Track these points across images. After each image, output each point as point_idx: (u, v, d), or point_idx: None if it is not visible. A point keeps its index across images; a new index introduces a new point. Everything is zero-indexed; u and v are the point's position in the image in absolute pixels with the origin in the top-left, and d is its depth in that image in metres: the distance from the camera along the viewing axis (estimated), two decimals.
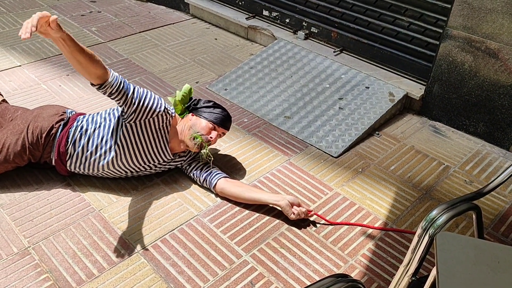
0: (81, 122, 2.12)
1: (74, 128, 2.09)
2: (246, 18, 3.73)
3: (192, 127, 2.11)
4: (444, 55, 2.64)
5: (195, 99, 2.25)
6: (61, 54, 3.31)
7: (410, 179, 2.38)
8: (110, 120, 2.10)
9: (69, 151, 2.08)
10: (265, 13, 3.68)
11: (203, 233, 1.99)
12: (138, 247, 1.90)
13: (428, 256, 1.87)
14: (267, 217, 2.09)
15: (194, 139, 2.09)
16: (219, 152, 2.49)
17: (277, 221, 2.07)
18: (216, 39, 3.71)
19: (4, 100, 2.43)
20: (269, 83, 3.05)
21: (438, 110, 2.81)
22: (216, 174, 2.17)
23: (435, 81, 2.74)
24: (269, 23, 3.67)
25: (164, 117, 2.06)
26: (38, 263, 1.81)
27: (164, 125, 2.08)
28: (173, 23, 3.94)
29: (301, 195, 2.23)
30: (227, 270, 1.84)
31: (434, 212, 1.29)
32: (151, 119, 2.03)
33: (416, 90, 2.88)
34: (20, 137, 2.05)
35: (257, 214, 2.10)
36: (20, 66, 3.14)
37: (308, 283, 1.80)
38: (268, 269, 1.85)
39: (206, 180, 2.17)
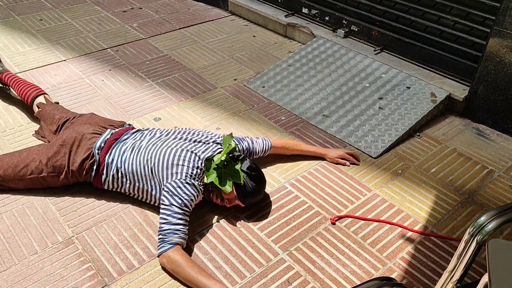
0: (110, 175, 2.05)
1: (104, 175, 2.04)
2: (285, 16, 3.71)
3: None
4: (491, 55, 2.55)
5: (237, 155, 2.02)
6: (104, 49, 3.40)
7: (452, 183, 2.32)
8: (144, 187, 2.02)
9: (106, 186, 2.10)
10: (305, 10, 3.65)
11: (240, 230, 2.00)
12: None
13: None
14: (305, 216, 2.08)
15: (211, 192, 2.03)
16: None
17: (315, 220, 2.06)
18: (254, 36, 3.72)
19: (45, 103, 2.44)
20: (307, 81, 3.03)
21: (482, 112, 2.72)
22: (264, 140, 2.29)
23: (480, 82, 2.65)
24: (308, 20, 3.64)
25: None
26: (81, 252, 1.87)
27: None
28: (212, 20, 3.97)
29: (339, 195, 2.20)
30: (264, 267, 1.84)
31: (483, 218, 1.25)
32: None
33: (460, 91, 2.80)
34: (59, 178, 2.07)
35: (295, 213, 2.10)
36: (65, 60, 3.23)
37: (346, 284, 1.78)
38: (305, 268, 1.85)
39: (263, 150, 2.28)
